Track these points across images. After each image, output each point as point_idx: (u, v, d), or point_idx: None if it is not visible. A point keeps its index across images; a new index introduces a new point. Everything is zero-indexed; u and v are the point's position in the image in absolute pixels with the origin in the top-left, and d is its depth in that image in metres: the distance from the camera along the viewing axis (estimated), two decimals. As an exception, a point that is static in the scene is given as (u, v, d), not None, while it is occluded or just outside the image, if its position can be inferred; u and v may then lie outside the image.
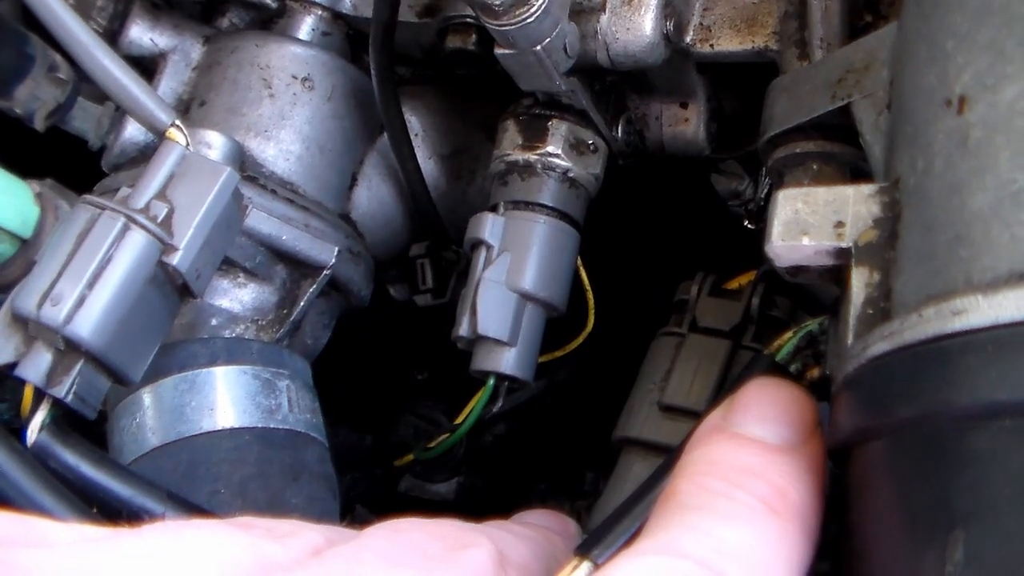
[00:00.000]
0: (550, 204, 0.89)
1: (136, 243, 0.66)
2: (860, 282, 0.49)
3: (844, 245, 0.51)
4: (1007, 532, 0.36)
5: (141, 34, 0.94)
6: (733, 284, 0.93)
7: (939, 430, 0.39)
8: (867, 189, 0.51)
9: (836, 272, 0.52)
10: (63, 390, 0.65)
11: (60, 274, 0.65)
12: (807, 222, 0.52)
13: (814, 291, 0.88)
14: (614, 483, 0.87)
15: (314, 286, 0.87)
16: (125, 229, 0.66)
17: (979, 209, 0.43)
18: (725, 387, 0.83)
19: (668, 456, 0.56)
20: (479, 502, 1.12)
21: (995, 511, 0.37)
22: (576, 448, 1.09)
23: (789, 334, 0.60)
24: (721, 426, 0.50)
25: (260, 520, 0.46)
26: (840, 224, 0.51)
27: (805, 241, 0.52)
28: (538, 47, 0.77)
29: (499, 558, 0.47)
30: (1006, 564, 0.36)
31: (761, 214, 1.00)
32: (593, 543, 0.52)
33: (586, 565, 0.51)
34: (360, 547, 0.44)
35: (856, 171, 0.69)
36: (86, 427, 0.69)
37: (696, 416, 0.82)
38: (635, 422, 0.87)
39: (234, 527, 0.43)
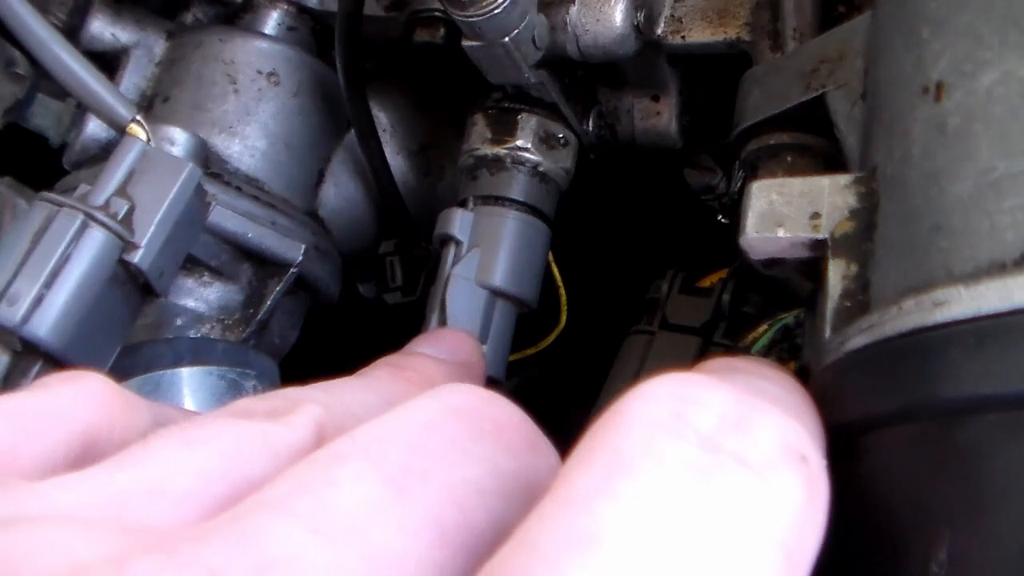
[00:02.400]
0: (520, 199, 0.88)
1: (95, 241, 0.65)
2: (837, 274, 0.48)
3: (820, 237, 0.50)
4: (993, 530, 0.35)
5: (102, 29, 0.92)
6: (706, 282, 0.92)
7: (921, 426, 0.38)
8: (843, 179, 0.50)
9: (812, 265, 0.52)
10: (21, 393, 0.63)
11: (16, 273, 0.63)
12: (782, 213, 0.51)
13: (787, 286, 0.87)
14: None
15: (281, 284, 0.85)
16: (84, 227, 0.65)
17: (958, 198, 0.42)
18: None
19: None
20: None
21: (980, 509, 0.36)
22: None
23: (764, 327, 0.59)
24: None
25: (257, 402, 0.41)
26: (816, 215, 0.50)
27: (780, 233, 0.51)
28: (506, 39, 0.76)
29: (326, 412, 0.41)
30: (993, 564, 0.35)
31: (735, 208, 0.99)
32: None
33: None
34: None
35: (831, 163, 0.68)
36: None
37: None
38: None
39: (236, 417, 0.39)
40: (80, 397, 0.39)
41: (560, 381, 1.11)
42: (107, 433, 0.40)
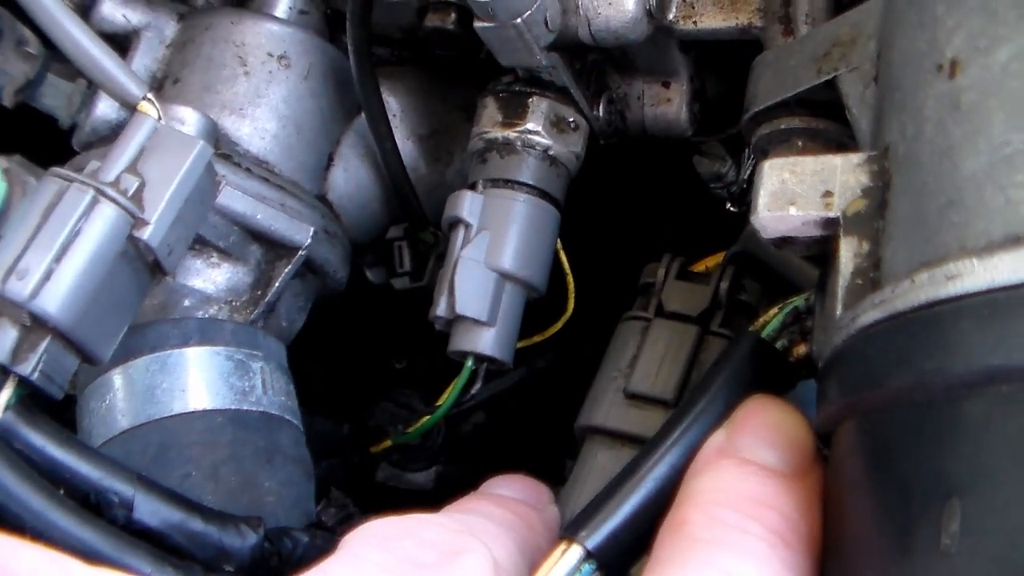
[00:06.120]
0: (530, 182, 0.87)
1: (106, 217, 0.64)
2: (848, 252, 0.48)
3: (832, 215, 0.50)
4: (1005, 501, 0.35)
5: (113, 10, 0.92)
6: (699, 266, 0.91)
7: (933, 398, 0.38)
8: (855, 158, 0.50)
9: (823, 243, 0.51)
10: (29, 367, 0.63)
11: (26, 248, 0.63)
12: (794, 192, 0.51)
13: (785, 273, 0.86)
14: (578, 472, 0.84)
15: (289, 267, 0.85)
16: (94, 202, 0.64)
17: (972, 173, 0.42)
18: (694, 374, 0.81)
19: (652, 440, 0.55)
20: (457, 492, 1.10)
21: (992, 479, 0.36)
22: (555, 436, 1.08)
23: (775, 310, 0.59)
24: (727, 449, 0.50)
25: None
26: (828, 194, 0.50)
27: (792, 211, 0.51)
28: (518, 20, 0.75)
29: (493, 565, 0.48)
30: (1004, 533, 0.35)
31: (743, 196, 0.99)
32: (579, 526, 0.51)
33: (576, 548, 0.50)
34: (357, 558, 0.46)
35: (841, 148, 0.68)
36: (56, 414, 0.67)
37: (663, 404, 0.80)
38: (600, 410, 0.84)
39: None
40: None
41: (567, 370, 1.11)
42: None
